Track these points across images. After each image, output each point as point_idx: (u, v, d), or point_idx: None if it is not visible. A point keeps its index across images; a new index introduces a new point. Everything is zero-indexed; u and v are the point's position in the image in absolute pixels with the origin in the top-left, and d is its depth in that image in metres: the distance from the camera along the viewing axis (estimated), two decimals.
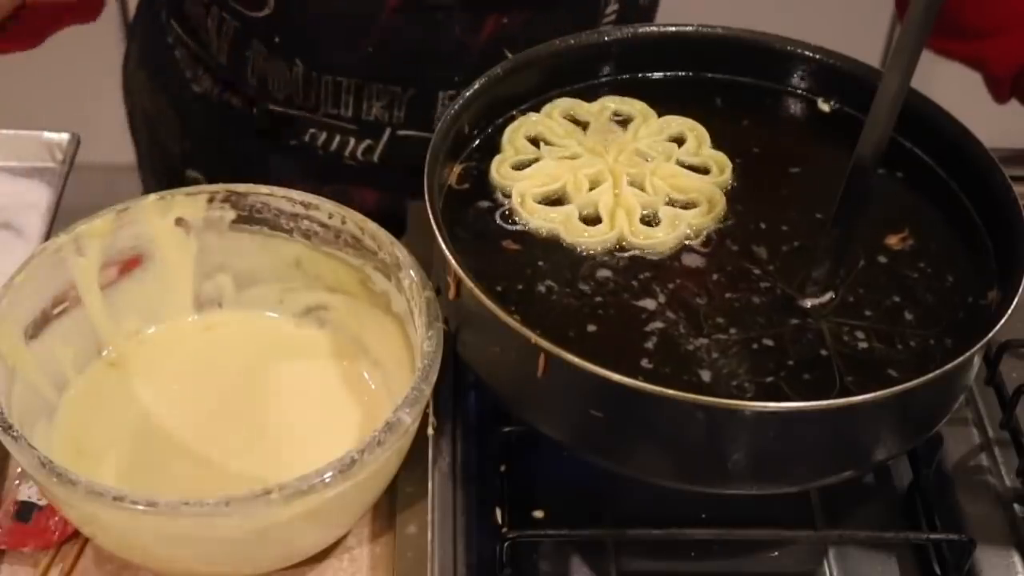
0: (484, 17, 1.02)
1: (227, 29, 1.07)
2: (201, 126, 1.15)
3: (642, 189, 0.87)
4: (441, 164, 0.85)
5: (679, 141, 0.91)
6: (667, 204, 0.87)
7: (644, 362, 0.78)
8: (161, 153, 1.20)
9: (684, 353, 0.78)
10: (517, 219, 0.85)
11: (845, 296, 0.82)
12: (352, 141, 1.09)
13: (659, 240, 0.84)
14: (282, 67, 1.06)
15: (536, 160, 0.88)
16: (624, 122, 0.92)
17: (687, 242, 0.85)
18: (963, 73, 1.07)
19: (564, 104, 0.92)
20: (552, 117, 0.91)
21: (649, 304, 0.81)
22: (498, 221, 0.85)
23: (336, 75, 1.06)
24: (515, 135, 0.89)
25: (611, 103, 0.93)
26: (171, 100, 1.17)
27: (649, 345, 0.78)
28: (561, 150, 0.89)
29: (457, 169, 0.88)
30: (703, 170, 0.89)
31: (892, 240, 0.83)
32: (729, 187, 0.88)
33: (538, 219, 0.84)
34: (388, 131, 1.09)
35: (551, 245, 0.84)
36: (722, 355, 0.78)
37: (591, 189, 0.87)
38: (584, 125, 0.91)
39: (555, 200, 0.86)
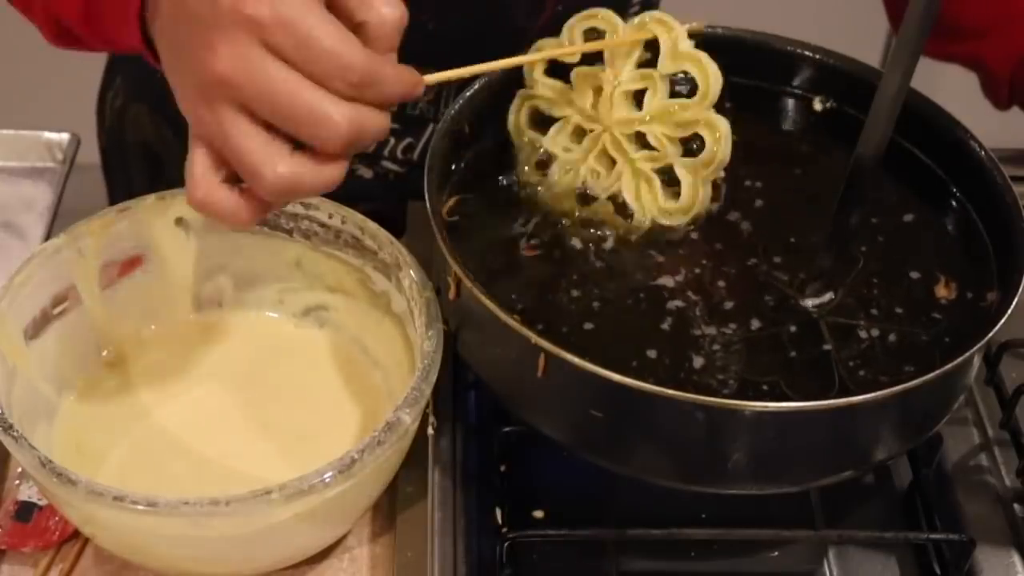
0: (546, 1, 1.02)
1: None
2: None
3: (648, 146, 0.86)
4: (441, 174, 0.85)
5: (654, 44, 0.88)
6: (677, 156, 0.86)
7: (650, 352, 0.78)
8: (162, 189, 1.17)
9: (678, 348, 0.78)
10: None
11: (845, 296, 0.82)
12: (392, 140, 1.08)
13: (685, 204, 0.85)
14: None
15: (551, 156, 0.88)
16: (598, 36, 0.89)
17: (693, 236, 0.85)
18: (963, 74, 1.07)
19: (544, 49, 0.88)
20: (537, 77, 0.89)
21: (650, 295, 0.81)
22: (497, 220, 0.86)
23: None
24: (519, 121, 0.88)
25: (577, 24, 0.88)
26: (178, 129, 1.16)
27: (649, 342, 0.79)
28: (564, 128, 0.88)
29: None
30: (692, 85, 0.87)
31: (941, 291, 0.83)
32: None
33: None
34: (431, 127, 1.08)
35: (550, 242, 0.84)
36: (721, 350, 0.78)
37: (608, 170, 0.87)
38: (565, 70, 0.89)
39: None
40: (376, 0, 0.69)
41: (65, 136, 1.06)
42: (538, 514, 0.85)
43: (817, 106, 0.94)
